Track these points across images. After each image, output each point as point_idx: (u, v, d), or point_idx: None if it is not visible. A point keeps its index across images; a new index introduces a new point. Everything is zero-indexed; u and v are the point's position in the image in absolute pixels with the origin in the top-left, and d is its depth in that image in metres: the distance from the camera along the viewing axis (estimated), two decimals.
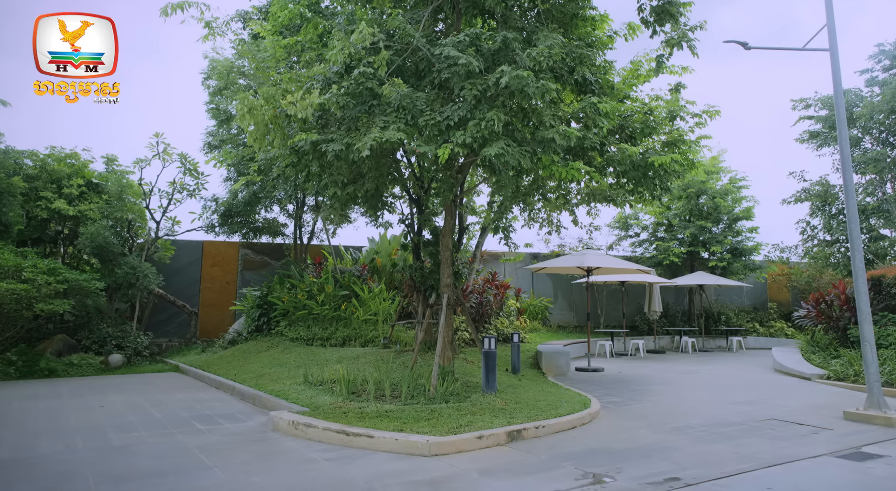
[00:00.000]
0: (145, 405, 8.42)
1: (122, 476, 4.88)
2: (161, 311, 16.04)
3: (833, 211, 17.18)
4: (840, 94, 8.53)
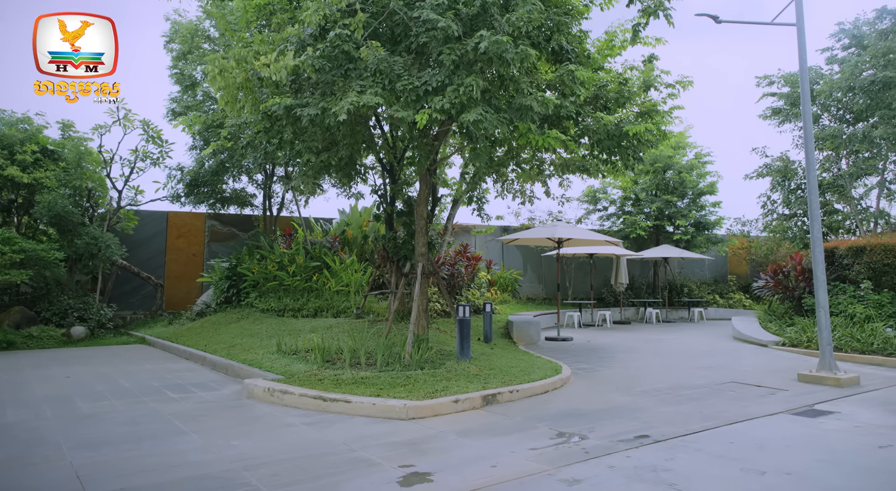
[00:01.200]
0: (113, 375, 8.27)
1: (96, 442, 4.81)
2: (125, 283, 15.64)
3: (792, 186, 17.77)
4: (805, 67, 8.75)
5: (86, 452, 4.53)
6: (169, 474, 3.99)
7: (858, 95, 15.96)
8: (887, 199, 17.80)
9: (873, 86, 15.25)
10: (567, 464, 4.25)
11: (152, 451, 4.58)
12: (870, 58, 15.75)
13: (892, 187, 17.68)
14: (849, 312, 11.40)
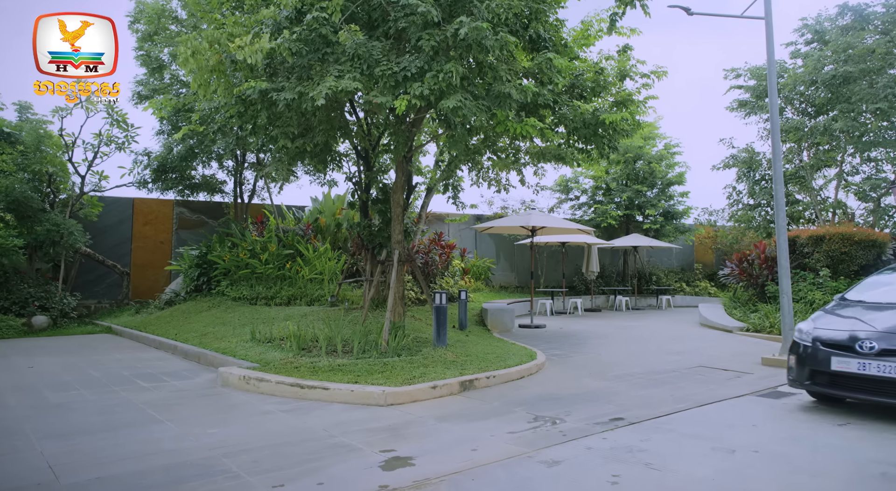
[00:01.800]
0: (80, 365, 8.06)
1: (67, 432, 4.70)
2: (89, 271, 15.18)
3: (757, 177, 18.27)
4: (772, 60, 8.99)
5: (57, 441, 4.42)
6: (146, 462, 3.93)
7: (820, 89, 16.45)
8: (845, 190, 18.47)
9: (834, 80, 15.74)
10: (546, 446, 4.34)
11: (127, 440, 4.49)
12: (831, 53, 16.23)
13: (850, 179, 18.35)
14: (808, 299, 11.84)
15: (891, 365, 4.82)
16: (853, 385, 5.11)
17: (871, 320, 5.37)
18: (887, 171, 17.99)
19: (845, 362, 5.11)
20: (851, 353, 5.10)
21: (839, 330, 5.41)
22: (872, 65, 15.38)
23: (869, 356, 4.96)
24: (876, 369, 4.88)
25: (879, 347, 4.95)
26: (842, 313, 5.80)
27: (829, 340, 5.35)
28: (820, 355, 5.29)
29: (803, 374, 5.46)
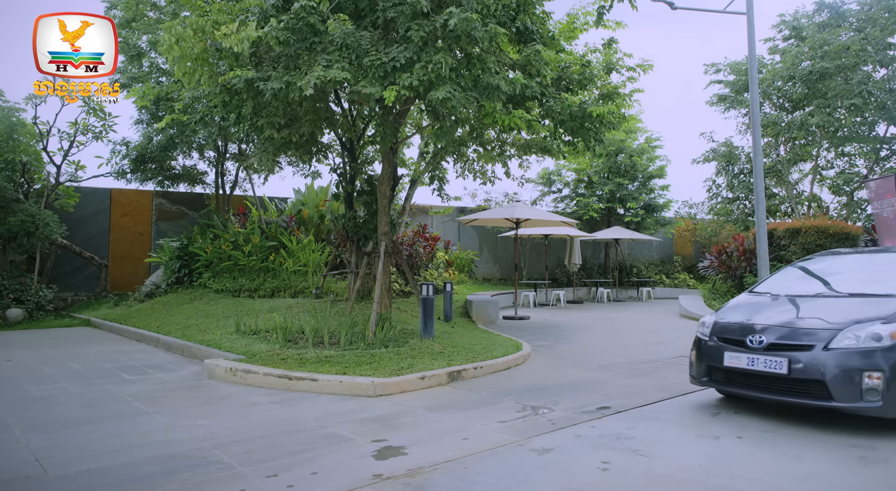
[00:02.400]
0: (60, 358, 7.92)
1: (52, 424, 4.63)
2: (65, 263, 14.87)
3: (735, 171, 18.58)
4: (753, 54, 9.14)
5: (42, 434, 4.35)
6: (136, 454, 3.90)
7: (798, 84, 16.76)
8: (819, 184, 18.91)
9: (811, 76, 16.05)
10: (536, 435, 4.40)
11: (115, 432, 4.44)
12: (808, 49, 16.55)
13: (825, 173, 18.78)
14: None
15: (777, 360, 4.50)
16: (744, 381, 4.80)
17: (765, 314, 5.09)
18: (860, 166, 18.46)
19: (736, 357, 4.79)
20: (742, 347, 4.80)
21: (735, 323, 5.12)
22: (847, 61, 15.72)
23: (758, 351, 4.65)
24: (763, 364, 4.58)
25: (768, 340, 4.65)
26: (743, 306, 5.48)
27: (725, 334, 5.08)
28: (715, 350, 5.01)
29: (701, 369, 5.17)
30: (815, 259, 6.19)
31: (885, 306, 4.55)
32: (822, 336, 4.43)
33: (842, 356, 4.26)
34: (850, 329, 4.37)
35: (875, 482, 3.48)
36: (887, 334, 4.24)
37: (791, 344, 4.54)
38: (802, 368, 4.38)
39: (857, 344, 4.26)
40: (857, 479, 3.51)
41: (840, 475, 3.56)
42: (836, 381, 4.22)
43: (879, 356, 4.17)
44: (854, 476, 3.55)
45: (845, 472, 3.62)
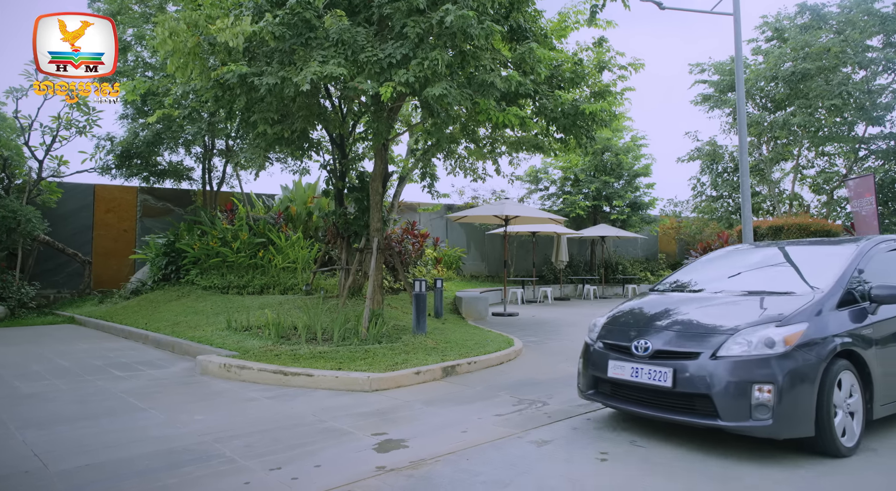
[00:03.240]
0: (47, 355, 7.81)
1: (46, 420, 4.58)
2: (47, 259, 14.63)
3: (720, 169, 18.87)
4: (740, 55, 9.30)
5: (38, 431, 4.31)
6: (136, 449, 3.88)
7: (780, 85, 17.07)
8: (800, 183, 19.29)
9: (794, 77, 16.35)
10: (533, 427, 4.46)
11: (111, 427, 4.41)
12: (790, 50, 16.85)
13: (805, 172, 19.16)
14: None
15: (662, 370, 3.83)
16: (630, 395, 4.12)
17: (657, 315, 4.43)
18: (839, 165, 18.86)
19: (620, 367, 4.11)
20: (627, 355, 4.13)
21: (623, 326, 4.46)
22: (828, 63, 16.04)
23: (643, 359, 4.00)
24: (648, 376, 3.90)
25: (654, 347, 3.98)
26: (637, 307, 4.79)
27: (610, 338, 4.41)
28: (601, 358, 4.33)
29: (587, 380, 4.48)
30: (725, 253, 5.66)
31: (783, 305, 3.95)
32: (712, 341, 3.78)
33: (730, 366, 3.63)
34: (741, 333, 3.74)
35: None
36: (781, 339, 3.63)
37: (677, 351, 3.88)
38: (688, 379, 3.73)
39: (748, 351, 3.64)
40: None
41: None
42: (723, 395, 3.59)
43: (772, 365, 3.56)
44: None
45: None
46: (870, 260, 4.45)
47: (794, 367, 3.56)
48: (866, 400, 3.94)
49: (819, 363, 3.62)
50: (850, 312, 4.00)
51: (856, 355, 3.86)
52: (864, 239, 4.74)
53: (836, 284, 4.09)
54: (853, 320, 3.96)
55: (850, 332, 3.88)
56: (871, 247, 4.57)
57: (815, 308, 3.87)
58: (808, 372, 3.58)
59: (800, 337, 3.65)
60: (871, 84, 16.53)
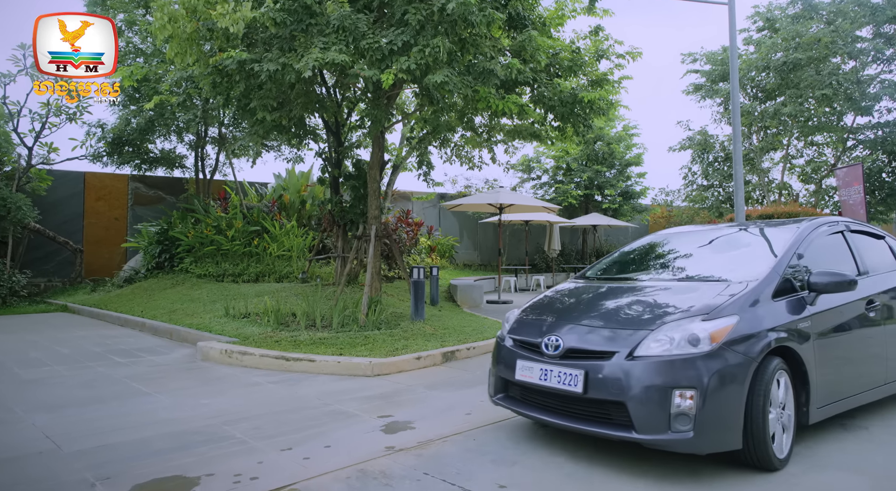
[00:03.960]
0: (44, 343, 7.80)
1: (52, 405, 4.61)
2: (38, 248, 14.50)
3: (710, 159, 19.04)
4: (734, 43, 9.39)
5: (46, 414, 4.34)
6: (147, 431, 3.93)
7: (771, 75, 17.22)
8: (790, 172, 19.53)
9: (785, 67, 16.50)
10: None
11: (119, 411, 4.46)
12: (781, 40, 16.99)
13: (795, 162, 19.40)
14: None
15: (573, 373, 3.28)
16: (541, 402, 3.55)
17: (574, 307, 3.92)
18: (828, 155, 19.11)
19: (529, 368, 3.55)
20: (537, 354, 3.58)
21: (535, 320, 3.89)
22: (819, 53, 16.19)
23: (553, 359, 3.44)
24: (557, 379, 3.35)
25: (566, 344, 3.42)
26: (555, 297, 4.24)
27: (521, 334, 3.84)
28: (510, 357, 3.75)
29: (496, 383, 3.91)
30: (666, 236, 5.03)
31: (714, 295, 3.44)
32: (631, 338, 3.25)
33: (648, 367, 3.09)
34: (663, 329, 3.21)
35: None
36: (706, 336, 3.10)
37: (591, 350, 3.34)
38: (600, 383, 3.19)
39: (669, 350, 3.11)
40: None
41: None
42: (639, 403, 3.06)
43: (696, 367, 3.02)
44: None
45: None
46: (810, 245, 3.98)
47: (720, 368, 3.03)
48: (801, 403, 3.48)
49: (749, 363, 3.11)
50: (787, 302, 3.50)
51: (791, 352, 3.37)
52: (806, 221, 4.29)
53: (773, 272, 3.59)
54: (790, 312, 3.46)
55: (786, 325, 3.38)
56: (812, 230, 4.10)
57: (747, 299, 3.36)
58: (736, 373, 3.07)
59: (728, 332, 3.12)
60: (861, 74, 16.72)
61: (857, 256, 4.30)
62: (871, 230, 4.77)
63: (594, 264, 4.91)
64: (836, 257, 4.18)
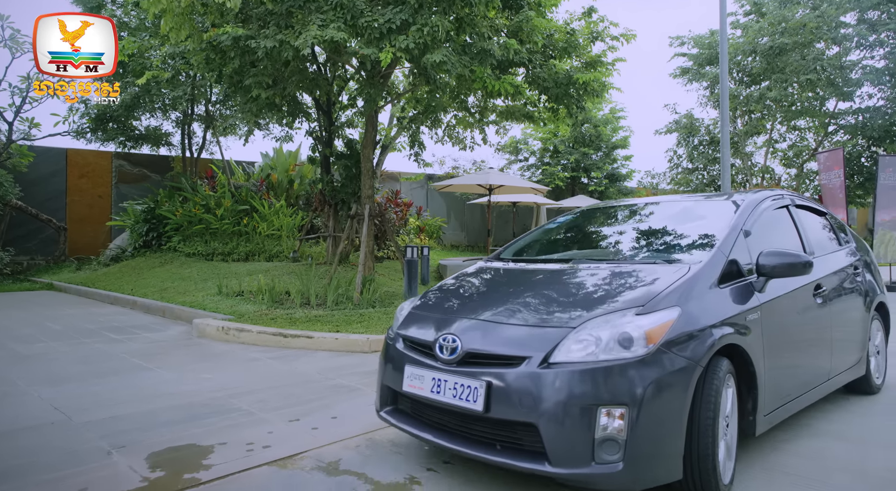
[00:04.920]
0: (35, 320, 7.77)
1: (55, 379, 4.65)
2: (19, 225, 14.27)
3: (696, 142, 19.28)
4: (724, 27, 9.46)
5: (50, 388, 4.38)
6: (153, 403, 4.00)
7: (758, 59, 17.40)
8: (772, 156, 19.87)
9: (771, 51, 16.69)
10: None
11: (123, 385, 4.51)
12: (768, 25, 17.15)
13: (777, 146, 19.72)
14: None
15: (471, 385, 2.49)
16: (437, 421, 2.74)
17: (480, 295, 3.20)
18: (810, 140, 19.45)
19: (419, 376, 2.72)
20: (430, 358, 2.75)
21: (432, 315, 3.02)
22: (804, 38, 16.39)
23: (449, 365, 2.63)
24: (452, 392, 2.55)
25: (464, 346, 2.61)
26: (460, 283, 3.45)
27: (412, 332, 2.98)
28: (400, 361, 2.91)
29: (384, 394, 3.05)
30: (596, 209, 4.34)
31: (650, 282, 2.71)
32: (546, 339, 2.47)
33: (566, 378, 2.33)
34: (586, 326, 2.45)
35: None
36: (641, 335, 2.37)
37: (496, 354, 2.54)
38: (506, 399, 2.41)
39: (593, 353, 2.36)
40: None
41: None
42: (554, 425, 2.31)
43: (627, 376, 2.30)
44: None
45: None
46: (757, 220, 3.31)
47: (659, 376, 2.31)
48: (746, 412, 2.83)
49: (693, 368, 2.40)
50: (734, 289, 2.82)
51: (739, 351, 2.71)
52: (750, 193, 3.62)
53: (718, 252, 2.91)
54: (737, 301, 2.79)
55: (734, 318, 2.70)
56: (758, 203, 3.44)
57: (690, 285, 2.65)
58: (678, 382, 2.36)
59: (669, 329, 2.41)
60: (844, 60, 16.98)
61: (804, 235, 3.73)
62: (815, 206, 4.22)
63: (510, 243, 4.07)
64: (783, 236, 3.58)
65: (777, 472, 2.90)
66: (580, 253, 3.71)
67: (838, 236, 4.30)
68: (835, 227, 4.34)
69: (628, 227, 3.88)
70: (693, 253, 3.04)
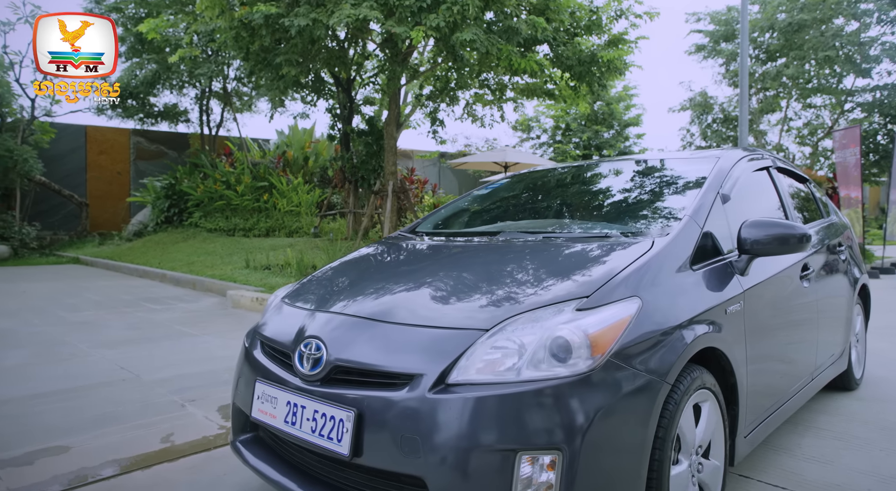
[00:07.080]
0: (72, 291, 8.08)
1: (111, 342, 4.93)
2: (42, 201, 14.60)
3: (709, 120, 19.26)
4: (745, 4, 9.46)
5: (110, 350, 4.66)
6: (210, 364, 4.27)
7: (776, 35, 17.28)
8: (787, 133, 19.83)
9: (790, 27, 16.56)
10: None
11: (175, 349, 4.79)
12: (787, 0, 17.00)
13: (792, 124, 19.68)
14: None
15: (334, 416, 1.66)
16: (298, 461, 1.92)
17: (371, 281, 2.22)
18: (825, 117, 19.39)
19: (271, 398, 1.89)
20: (287, 370, 1.92)
21: (297, 309, 2.13)
22: (823, 14, 16.25)
23: (310, 382, 1.78)
24: (310, 424, 1.72)
25: (330, 356, 1.76)
26: (341, 268, 2.51)
27: (274, 332, 2.11)
28: (249, 374, 2.07)
29: (237, 418, 2.18)
30: (536, 173, 3.45)
31: (598, 261, 1.94)
32: (446, 346, 1.64)
33: (470, 408, 1.51)
34: (505, 328, 1.63)
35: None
36: (583, 340, 1.56)
37: (373, 370, 1.70)
38: (381, 438, 1.60)
39: (513, 368, 1.55)
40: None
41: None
42: (448, 480, 1.51)
43: (562, 404, 1.51)
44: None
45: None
46: (735, 184, 2.55)
47: (607, 403, 1.54)
48: (728, 435, 2.05)
49: (657, 386, 1.65)
50: (711, 271, 2.08)
51: (717, 356, 1.97)
52: (725, 150, 2.91)
53: (691, 221, 2.15)
54: (715, 288, 2.04)
55: (712, 312, 1.95)
56: (735, 162, 2.66)
57: (652, 267, 1.87)
58: (634, 411, 1.61)
59: (623, 331, 1.63)
60: (863, 35, 16.83)
61: (786, 204, 2.99)
62: (798, 172, 3.52)
63: (430, 214, 3.22)
64: (766, 205, 2.87)
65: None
66: (513, 225, 2.86)
67: (821, 208, 3.62)
68: (817, 198, 3.67)
69: (579, 192, 3.08)
70: (658, 223, 2.28)
